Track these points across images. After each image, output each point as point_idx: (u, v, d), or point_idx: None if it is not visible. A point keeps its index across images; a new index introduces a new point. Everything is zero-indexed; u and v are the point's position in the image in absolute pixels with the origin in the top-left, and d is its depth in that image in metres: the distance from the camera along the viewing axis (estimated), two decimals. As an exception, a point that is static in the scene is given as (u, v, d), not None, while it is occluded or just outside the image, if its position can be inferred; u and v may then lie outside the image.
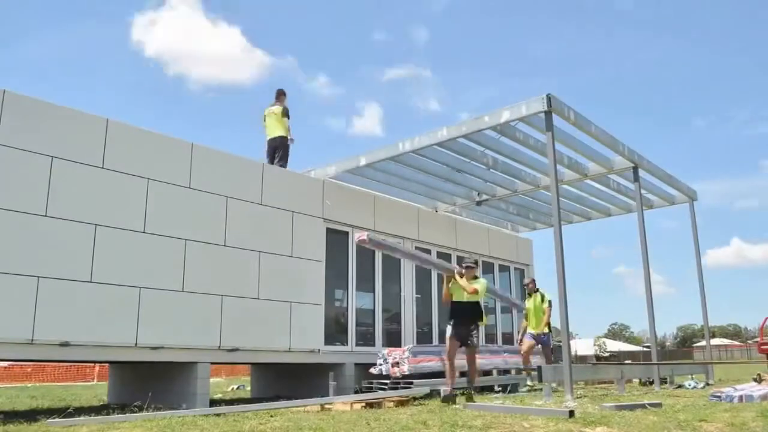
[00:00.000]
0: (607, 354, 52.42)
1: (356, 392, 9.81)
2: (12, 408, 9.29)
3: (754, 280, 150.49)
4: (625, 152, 11.42)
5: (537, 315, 11.60)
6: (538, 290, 11.85)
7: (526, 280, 12.66)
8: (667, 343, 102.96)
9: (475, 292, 8.70)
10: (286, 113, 11.72)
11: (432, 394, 9.12)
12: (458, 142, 10.75)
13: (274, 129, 11.63)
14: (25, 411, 8.42)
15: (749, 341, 59.14)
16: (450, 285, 8.81)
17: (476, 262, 9.33)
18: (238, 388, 16.20)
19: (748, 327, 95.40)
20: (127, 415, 6.41)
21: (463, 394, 8.30)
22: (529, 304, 11.80)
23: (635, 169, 11.88)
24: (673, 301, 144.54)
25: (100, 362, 14.41)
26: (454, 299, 8.80)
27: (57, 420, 5.95)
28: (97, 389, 14.98)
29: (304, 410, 7.19)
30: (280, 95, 11.97)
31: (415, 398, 8.42)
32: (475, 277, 9.01)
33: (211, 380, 18.74)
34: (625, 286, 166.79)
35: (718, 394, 7.95)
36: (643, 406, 6.96)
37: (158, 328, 8.17)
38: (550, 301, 11.50)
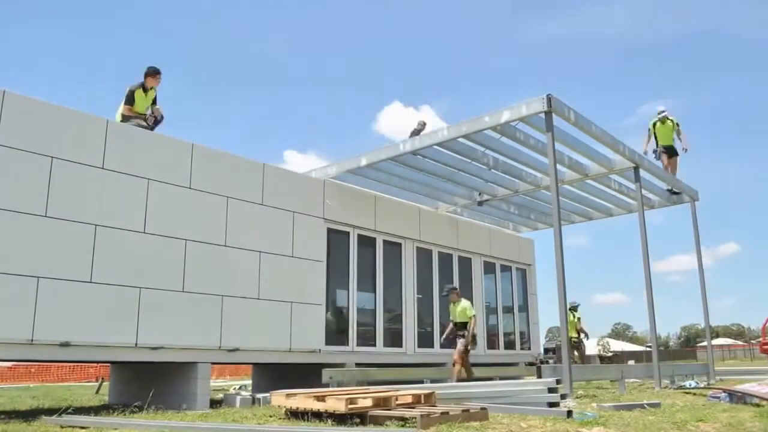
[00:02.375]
0: (610, 354, 52.26)
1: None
2: (13, 408, 9.33)
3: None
4: (626, 152, 11.42)
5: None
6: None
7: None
8: (671, 343, 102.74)
9: None
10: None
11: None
12: (459, 143, 10.76)
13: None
14: (26, 411, 8.45)
15: (752, 341, 58.92)
16: None
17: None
18: (240, 388, 16.21)
19: (752, 327, 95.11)
20: (127, 419, 6.43)
21: None
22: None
23: (636, 169, 11.88)
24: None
25: (100, 362, 14.44)
26: None
27: (55, 419, 5.98)
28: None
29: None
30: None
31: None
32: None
33: (217, 381, 18.77)
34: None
35: (718, 394, 7.95)
36: (641, 406, 6.97)
37: (158, 328, 8.19)
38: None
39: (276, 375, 11.68)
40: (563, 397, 7.25)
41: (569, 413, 6.08)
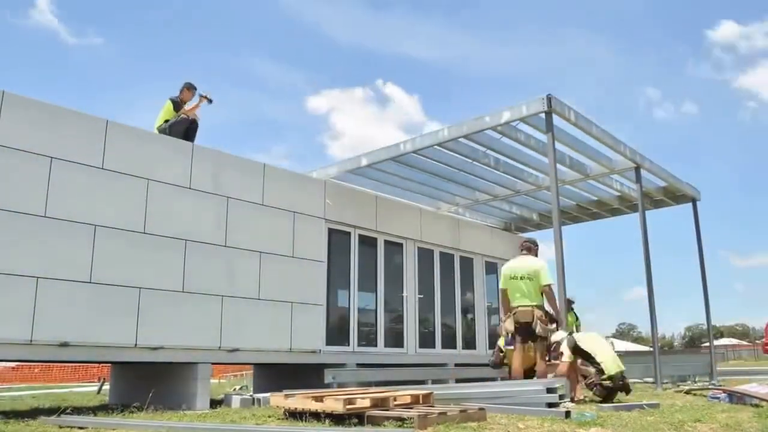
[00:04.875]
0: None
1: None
2: (13, 408, 9.35)
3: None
4: (627, 153, 11.41)
5: None
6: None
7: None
8: (675, 344, 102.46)
9: None
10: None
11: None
12: (460, 143, 10.77)
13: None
14: (26, 411, 8.47)
15: (757, 341, 58.73)
16: None
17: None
18: (240, 388, 16.25)
19: (756, 327, 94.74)
20: (126, 420, 6.44)
21: None
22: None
23: (637, 170, 11.87)
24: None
25: (100, 362, 14.48)
26: None
27: (54, 419, 5.99)
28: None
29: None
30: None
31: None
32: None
33: (220, 380, 18.79)
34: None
35: (718, 395, 7.93)
36: (640, 407, 6.95)
37: (158, 328, 8.20)
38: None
39: (277, 375, 11.70)
40: (562, 397, 7.23)
41: (567, 414, 6.06)
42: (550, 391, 7.00)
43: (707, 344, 14.58)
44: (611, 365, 7.67)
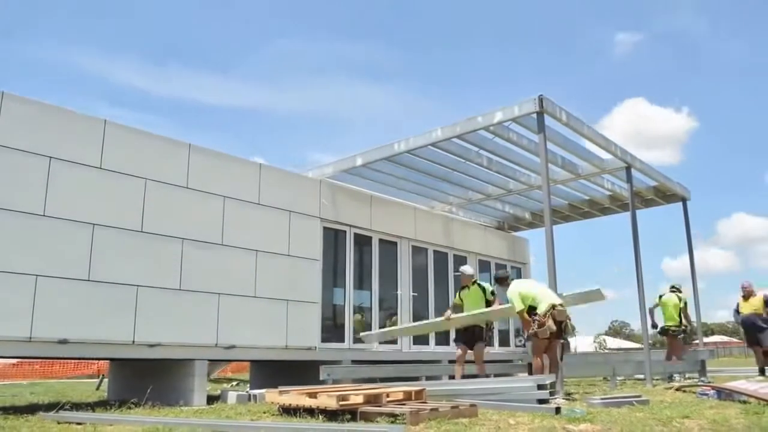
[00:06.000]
0: (606, 352, 52.57)
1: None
2: (12, 404, 9.43)
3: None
4: (618, 152, 11.54)
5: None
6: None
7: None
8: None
9: None
10: None
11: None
12: (453, 143, 10.88)
13: None
14: (25, 406, 8.55)
15: (749, 339, 58.84)
16: None
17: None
18: (237, 384, 16.32)
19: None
20: (124, 415, 6.53)
21: None
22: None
23: (628, 169, 11.99)
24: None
25: (98, 359, 14.55)
26: None
27: (52, 414, 6.08)
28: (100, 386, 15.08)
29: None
30: None
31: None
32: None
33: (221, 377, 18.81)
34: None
35: (706, 391, 8.06)
36: (630, 403, 7.07)
37: (155, 325, 8.30)
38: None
39: (273, 372, 11.80)
40: (552, 393, 7.37)
41: (558, 410, 6.19)
42: (540, 387, 7.13)
43: (697, 341, 14.71)
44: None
